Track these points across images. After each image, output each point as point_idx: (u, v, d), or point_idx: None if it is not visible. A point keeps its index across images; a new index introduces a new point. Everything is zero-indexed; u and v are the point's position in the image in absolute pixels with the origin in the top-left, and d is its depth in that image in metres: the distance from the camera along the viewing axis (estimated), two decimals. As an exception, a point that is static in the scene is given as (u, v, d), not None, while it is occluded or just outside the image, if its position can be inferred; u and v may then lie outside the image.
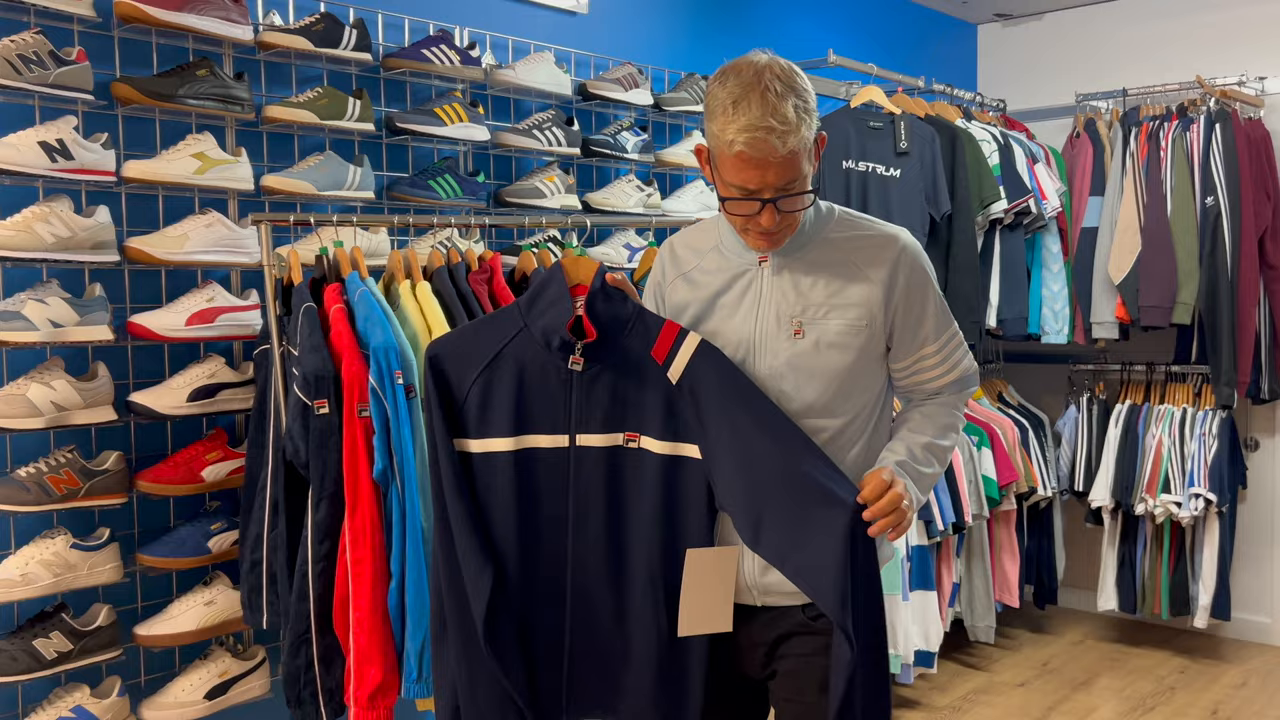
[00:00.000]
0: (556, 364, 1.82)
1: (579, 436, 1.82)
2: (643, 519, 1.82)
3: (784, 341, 1.80)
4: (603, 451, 1.83)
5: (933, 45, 5.02)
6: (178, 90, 2.51)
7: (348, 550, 2.23)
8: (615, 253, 3.34)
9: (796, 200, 1.73)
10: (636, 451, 1.82)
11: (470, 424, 1.83)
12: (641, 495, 1.82)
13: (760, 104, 1.65)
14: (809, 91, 1.73)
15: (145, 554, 2.51)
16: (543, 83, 3.21)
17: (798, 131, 1.66)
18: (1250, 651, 4.49)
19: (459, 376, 1.83)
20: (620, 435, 1.82)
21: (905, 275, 1.83)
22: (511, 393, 1.82)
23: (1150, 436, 4.34)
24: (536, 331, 1.82)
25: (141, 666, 2.61)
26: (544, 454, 1.83)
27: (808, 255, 1.83)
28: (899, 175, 3.87)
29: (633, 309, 1.83)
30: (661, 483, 1.81)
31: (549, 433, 1.82)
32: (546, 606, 1.85)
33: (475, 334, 1.87)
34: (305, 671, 2.25)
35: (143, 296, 2.59)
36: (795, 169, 1.69)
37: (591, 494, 1.83)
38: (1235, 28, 4.56)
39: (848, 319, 1.80)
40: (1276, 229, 4.30)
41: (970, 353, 1.95)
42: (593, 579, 1.84)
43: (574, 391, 1.82)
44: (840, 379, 1.80)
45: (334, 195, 2.77)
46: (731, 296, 1.86)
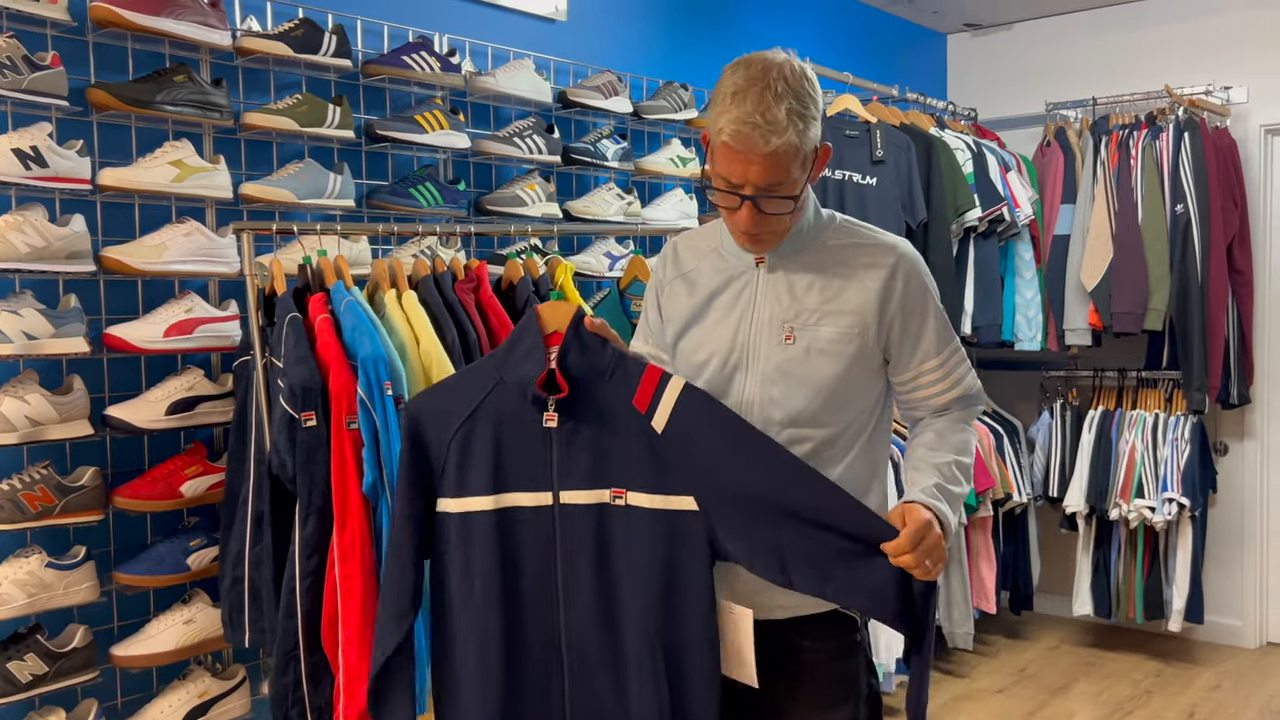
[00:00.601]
0: (534, 417, 1.73)
1: (563, 494, 1.73)
2: (637, 581, 1.71)
3: (775, 346, 1.78)
4: (589, 510, 1.72)
5: (904, 55, 5.05)
6: (155, 96, 2.45)
7: (337, 565, 2.18)
8: (596, 261, 3.31)
9: (777, 203, 1.70)
10: (625, 509, 1.72)
11: (449, 482, 1.73)
12: (634, 556, 1.71)
13: (757, 100, 1.64)
14: (813, 99, 1.70)
15: (122, 572, 2.44)
16: (523, 90, 3.18)
17: (784, 134, 1.64)
18: (1223, 654, 4.53)
19: (438, 434, 1.74)
20: (606, 492, 1.72)
21: (903, 285, 1.79)
22: (490, 449, 1.73)
23: (1123, 442, 4.38)
24: (512, 385, 1.74)
25: (118, 688, 2.53)
26: (527, 514, 1.73)
27: (804, 260, 1.81)
28: (875, 183, 3.88)
29: (611, 355, 1.76)
30: (655, 540, 1.70)
31: (530, 490, 1.73)
32: (539, 687, 1.73)
33: (455, 388, 1.79)
34: (293, 690, 2.19)
35: (119, 307, 2.53)
36: (780, 171, 1.67)
37: (580, 557, 1.72)
38: (1201, 39, 4.63)
39: (840, 326, 1.77)
40: (1244, 236, 4.38)
41: (973, 370, 1.90)
42: (588, 653, 1.72)
43: (554, 446, 1.73)
44: (831, 388, 1.77)
45: (314, 204, 2.72)
46: (726, 298, 1.84)
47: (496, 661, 1.72)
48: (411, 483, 1.75)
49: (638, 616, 1.71)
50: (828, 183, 3.82)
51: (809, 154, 1.70)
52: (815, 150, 1.73)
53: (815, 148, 1.72)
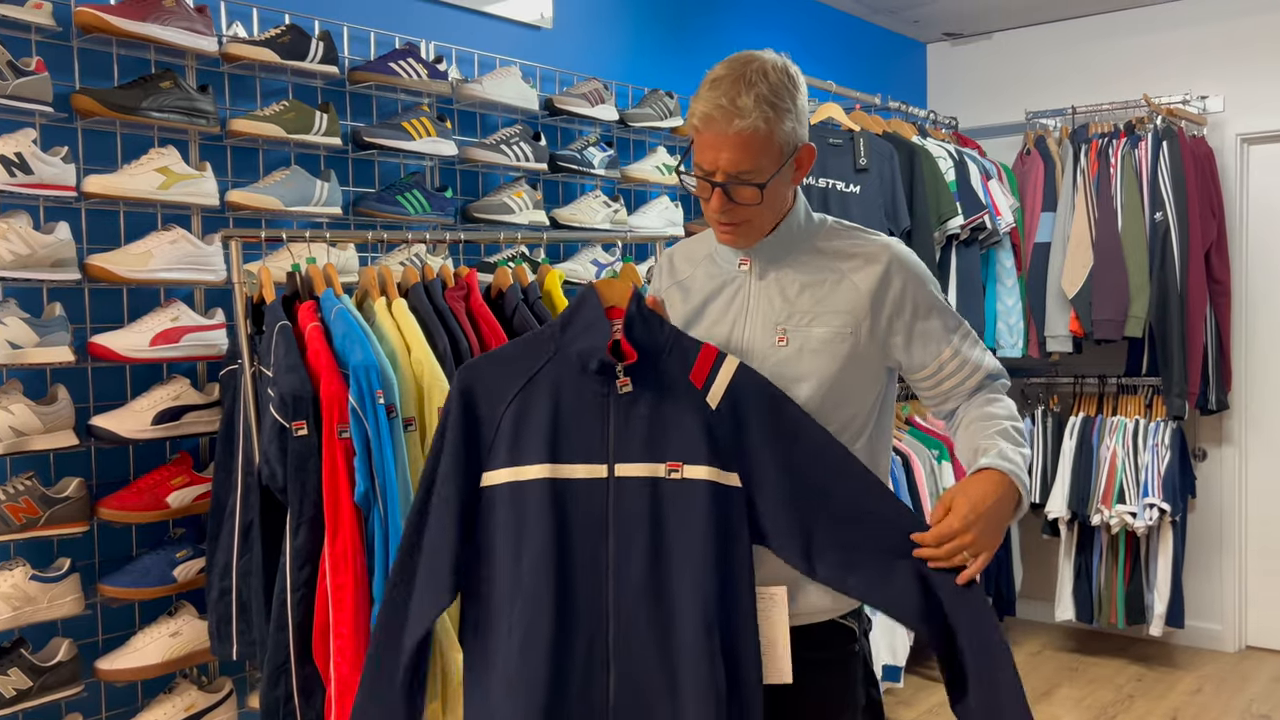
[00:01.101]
0: (593, 389, 1.70)
1: (618, 466, 1.70)
2: (693, 559, 1.66)
3: (768, 349, 1.79)
4: (643, 483, 1.68)
5: (884, 63, 5.08)
6: (141, 102, 2.43)
7: (328, 576, 2.15)
8: (583, 269, 3.31)
9: (745, 191, 1.71)
10: (680, 482, 1.69)
11: (500, 453, 1.70)
12: (689, 532, 1.67)
13: (729, 87, 1.68)
14: (789, 94, 1.72)
15: (107, 584, 2.41)
16: (510, 97, 3.17)
17: (748, 117, 1.66)
18: (1203, 658, 4.57)
19: (491, 404, 1.71)
20: (662, 465, 1.70)
21: (899, 282, 1.79)
22: (546, 418, 1.69)
23: (1105, 448, 4.42)
24: (572, 354, 1.71)
25: (103, 702, 2.49)
26: (580, 485, 1.69)
27: (795, 263, 1.82)
28: (859, 191, 3.90)
29: (669, 332, 1.76)
30: (708, 515, 1.67)
31: (585, 462, 1.70)
32: (584, 662, 1.66)
33: (506, 358, 1.75)
34: (285, 703, 2.16)
35: (104, 316, 2.49)
36: (749, 158, 1.68)
37: (634, 532, 1.67)
38: (1178, 49, 4.69)
39: (833, 326, 1.77)
40: (1221, 244, 4.42)
41: (987, 350, 1.90)
42: (636, 628, 1.66)
43: (611, 418, 1.71)
44: (826, 387, 1.77)
45: (301, 211, 2.69)
46: (720, 304, 1.85)
47: (544, 634, 1.64)
48: (459, 456, 1.69)
49: (690, 593, 1.66)
50: (812, 190, 3.83)
51: (782, 145, 1.71)
52: (794, 147, 1.74)
53: (793, 144, 1.73)
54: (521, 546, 1.67)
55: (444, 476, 1.69)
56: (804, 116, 1.76)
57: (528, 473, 1.69)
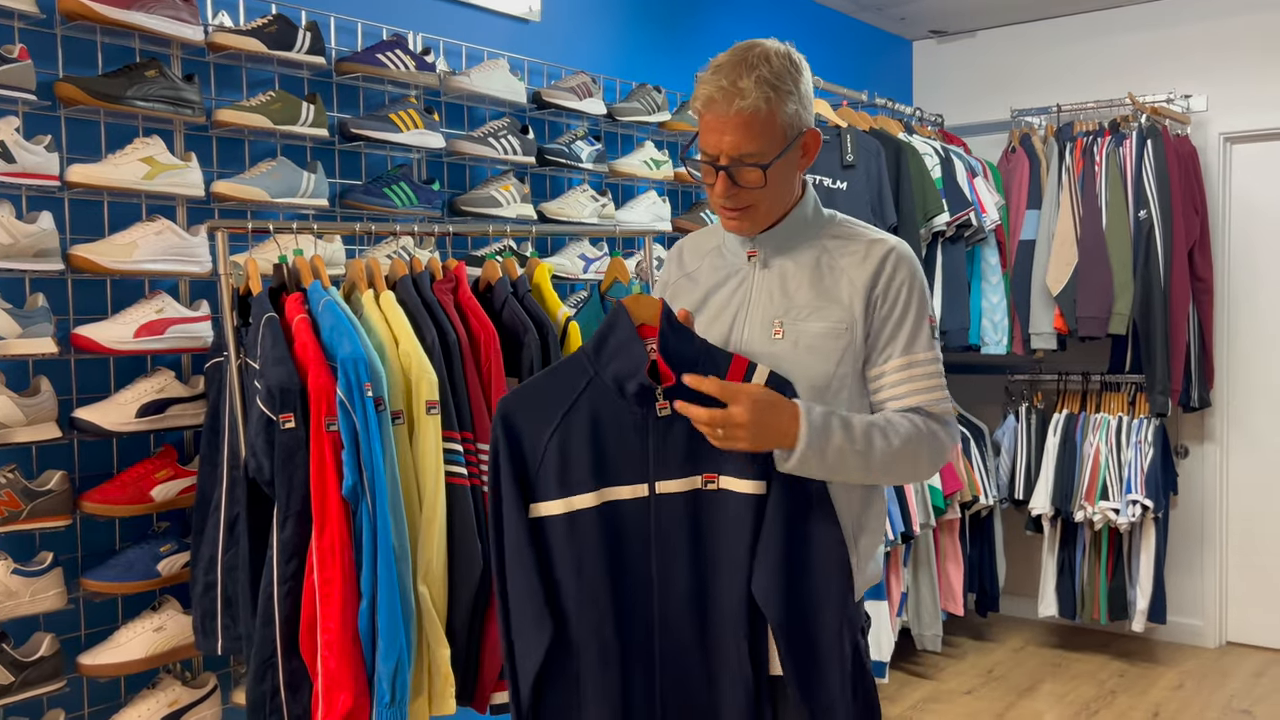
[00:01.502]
0: (631, 410, 1.73)
1: (658, 484, 1.73)
2: (730, 566, 1.71)
3: (765, 342, 1.79)
4: (682, 497, 1.73)
5: (871, 60, 5.08)
6: (125, 91, 2.40)
7: (315, 570, 2.14)
8: (570, 263, 3.30)
9: (749, 173, 1.71)
10: (717, 493, 1.73)
11: (550, 484, 1.72)
12: (726, 540, 1.72)
13: (730, 70, 1.70)
14: (792, 77, 1.73)
15: (90, 578, 2.38)
16: (498, 90, 3.16)
17: (749, 98, 1.67)
18: (1185, 654, 4.60)
19: (534, 436, 1.73)
20: (698, 478, 1.73)
21: (888, 277, 1.78)
22: (590, 445, 1.72)
23: (1088, 445, 4.44)
24: (608, 378, 1.73)
25: (85, 698, 2.47)
26: (626, 506, 1.73)
27: (798, 257, 1.82)
28: (846, 187, 3.90)
29: (700, 345, 1.76)
30: (745, 524, 1.71)
31: (629, 483, 1.73)
32: (638, 673, 1.75)
33: (544, 387, 1.76)
34: (271, 698, 2.15)
35: (87, 307, 2.47)
36: (751, 139, 1.69)
37: (675, 545, 1.73)
38: (1162, 48, 4.71)
39: (828, 322, 1.77)
40: (1204, 242, 4.45)
41: (948, 395, 1.81)
42: (681, 637, 1.74)
43: (650, 437, 1.73)
44: (820, 386, 1.76)
45: (287, 203, 2.67)
46: (722, 295, 1.86)
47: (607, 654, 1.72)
48: (514, 487, 1.73)
49: (728, 598, 1.72)
50: (799, 186, 3.83)
51: (785, 127, 1.72)
52: (798, 130, 1.74)
53: (797, 127, 1.74)
54: (580, 571, 1.72)
55: (510, 514, 1.73)
56: (808, 101, 1.77)
57: (578, 502, 1.73)
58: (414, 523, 2.29)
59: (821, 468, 1.68)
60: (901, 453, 1.72)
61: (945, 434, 1.78)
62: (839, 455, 1.67)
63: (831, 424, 1.67)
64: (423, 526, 2.29)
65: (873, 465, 1.70)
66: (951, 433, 1.79)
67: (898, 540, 3.92)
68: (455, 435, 2.34)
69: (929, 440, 1.75)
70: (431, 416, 2.29)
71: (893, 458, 1.71)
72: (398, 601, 2.17)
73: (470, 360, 2.42)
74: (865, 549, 1.83)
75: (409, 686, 2.19)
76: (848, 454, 1.68)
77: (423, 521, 2.29)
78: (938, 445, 1.77)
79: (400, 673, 2.15)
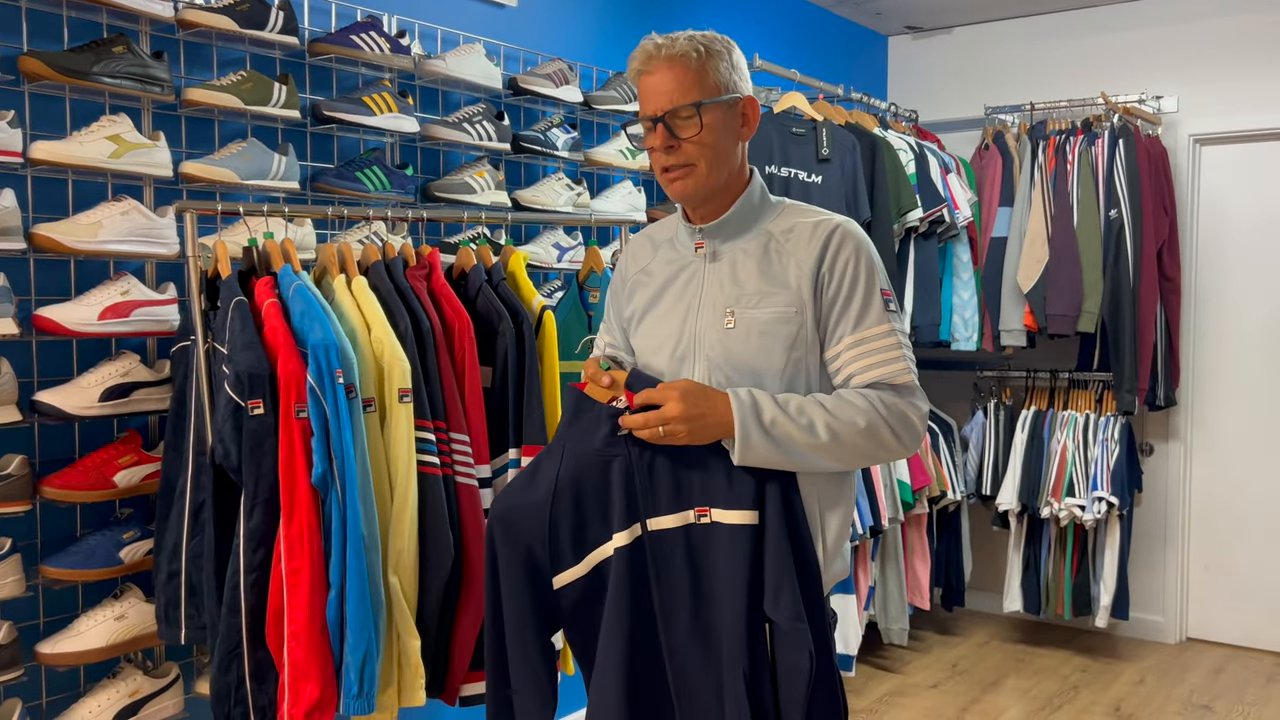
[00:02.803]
0: (609, 455, 1.75)
1: (650, 521, 1.74)
2: (728, 598, 1.71)
3: (718, 332, 1.78)
4: (677, 533, 1.73)
5: (846, 55, 5.08)
6: (92, 67, 2.34)
7: (283, 559, 2.10)
8: (545, 252, 3.27)
9: (685, 125, 1.73)
10: (710, 526, 1.72)
11: (567, 555, 1.77)
12: (723, 573, 1.71)
13: (662, 36, 1.78)
14: (724, 45, 1.78)
15: (50, 565, 2.32)
16: (473, 75, 3.12)
17: (677, 47, 1.74)
18: (1146, 650, 4.65)
19: (533, 524, 1.78)
20: (690, 512, 1.73)
21: (833, 255, 1.75)
22: (587, 507, 1.77)
23: (1055, 442, 4.47)
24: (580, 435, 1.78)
25: (44, 687, 2.41)
26: (624, 551, 1.74)
27: (747, 245, 1.81)
28: (820, 181, 3.89)
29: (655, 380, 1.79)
30: (738, 555, 1.70)
31: (623, 528, 1.74)
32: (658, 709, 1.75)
33: (529, 477, 1.82)
34: (236, 689, 2.11)
35: (50, 288, 2.41)
36: (683, 88, 1.73)
37: (675, 579, 1.73)
38: (1135, 48, 4.74)
39: (777, 307, 1.75)
40: (1173, 242, 4.49)
41: (910, 367, 1.76)
42: (689, 669, 1.74)
43: (636, 477, 1.74)
44: (774, 374, 1.75)
45: (257, 185, 2.62)
46: (676, 288, 1.86)
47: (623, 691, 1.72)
48: (517, 579, 1.77)
49: (731, 630, 1.71)
50: (774, 179, 3.82)
51: (717, 81, 1.76)
52: (732, 90, 1.77)
53: (730, 87, 1.77)
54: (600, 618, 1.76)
55: (511, 607, 1.77)
56: (742, 71, 1.81)
57: (593, 560, 1.77)
58: (384, 512, 2.26)
59: (773, 450, 1.67)
60: (857, 427, 1.69)
61: (908, 405, 1.73)
62: (785, 434, 1.66)
63: (762, 401, 1.68)
64: (393, 516, 2.26)
65: (827, 442, 1.68)
66: (916, 403, 1.75)
67: (866, 534, 3.92)
68: (428, 424, 2.31)
69: (890, 412, 1.71)
70: (404, 405, 2.26)
71: (848, 432, 1.68)
72: (367, 591, 2.14)
73: (444, 348, 2.39)
74: (832, 545, 1.82)
75: (378, 677, 2.16)
76: (792, 431, 1.66)
77: (393, 511, 2.26)
78: (900, 416, 1.72)
79: (369, 663, 2.12)
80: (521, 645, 1.77)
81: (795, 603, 1.66)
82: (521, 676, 1.77)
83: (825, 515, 1.80)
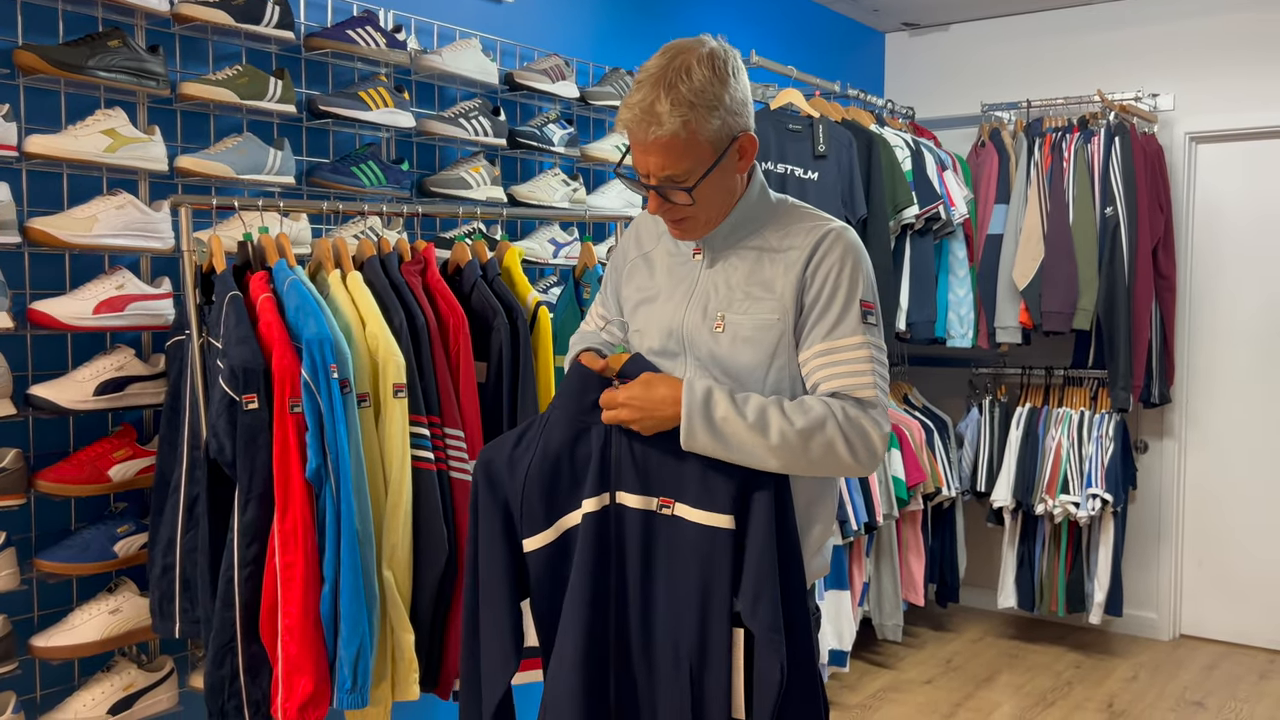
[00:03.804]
0: (593, 423, 1.75)
1: (618, 494, 1.73)
2: (674, 594, 1.70)
3: (707, 335, 1.77)
4: (639, 514, 1.72)
5: (843, 51, 5.08)
6: (87, 61, 2.34)
7: (277, 554, 2.10)
8: (540, 247, 3.27)
9: (677, 194, 1.69)
10: (671, 519, 1.71)
11: (538, 519, 1.76)
12: (674, 567, 1.70)
13: (648, 90, 1.65)
14: (717, 87, 1.66)
15: (44, 559, 2.32)
16: (469, 70, 3.12)
17: (664, 125, 1.62)
18: (1139, 646, 4.67)
19: (513, 477, 1.77)
20: (654, 500, 1.72)
21: (818, 260, 1.72)
22: (565, 472, 1.76)
23: (1050, 439, 4.48)
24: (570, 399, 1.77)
25: (38, 680, 2.42)
26: (592, 517, 1.73)
27: (743, 250, 1.79)
28: (817, 178, 3.89)
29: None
30: (693, 555, 1.68)
31: (594, 495, 1.73)
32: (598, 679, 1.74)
33: (520, 434, 1.81)
34: (230, 683, 2.11)
35: (45, 282, 2.41)
36: (673, 162, 1.66)
37: (630, 559, 1.72)
38: (1131, 46, 4.74)
39: (762, 313, 1.74)
40: (1168, 240, 4.49)
41: (877, 383, 1.70)
42: (633, 647, 1.73)
43: (613, 447, 1.74)
44: (760, 379, 1.74)
45: (253, 179, 2.62)
46: (672, 284, 1.85)
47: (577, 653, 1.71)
48: (495, 531, 1.76)
49: (669, 625, 1.71)
50: (770, 176, 3.82)
51: (710, 144, 1.67)
52: (727, 140, 1.69)
53: (725, 138, 1.68)
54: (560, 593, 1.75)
55: (487, 555, 1.77)
56: (738, 106, 1.70)
57: (562, 526, 1.76)
58: (379, 507, 2.26)
59: (719, 444, 1.64)
60: (810, 435, 1.64)
61: (868, 420, 1.67)
62: (735, 432, 1.63)
63: (715, 395, 1.66)
64: (388, 511, 2.26)
65: (778, 445, 1.64)
66: (876, 418, 1.68)
67: (860, 530, 3.93)
68: (422, 419, 2.31)
69: (849, 424, 1.66)
70: (399, 400, 2.26)
71: (801, 440, 1.64)
72: (361, 586, 2.14)
73: (439, 344, 2.39)
74: (814, 542, 1.81)
75: (371, 671, 2.16)
76: (741, 429, 1.63)
77: (388, 506, 2.26)
78: (859, 431, 1.66)
79: (363, 658, 2.13)
80: (492, 595, 1.75)
81: (774, 613, 1.64)
82: (490, 627, 1.75)
83: (809, 512, 1.80)
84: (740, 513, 1.68)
